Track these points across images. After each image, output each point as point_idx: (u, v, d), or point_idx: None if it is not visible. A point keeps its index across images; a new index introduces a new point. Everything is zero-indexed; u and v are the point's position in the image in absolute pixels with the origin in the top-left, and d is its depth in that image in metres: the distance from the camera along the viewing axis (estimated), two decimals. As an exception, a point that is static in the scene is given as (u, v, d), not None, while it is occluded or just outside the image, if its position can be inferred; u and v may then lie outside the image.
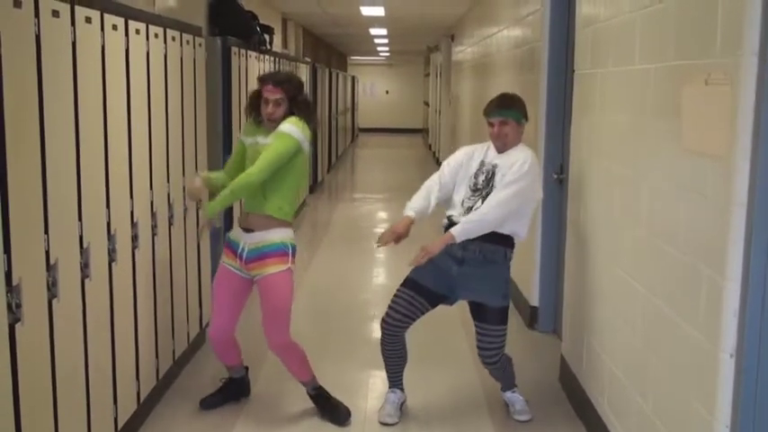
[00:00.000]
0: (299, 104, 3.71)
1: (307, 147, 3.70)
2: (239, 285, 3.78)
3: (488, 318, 3.70)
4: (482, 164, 3.75)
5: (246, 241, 3.70)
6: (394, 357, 3.89)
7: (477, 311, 3.75)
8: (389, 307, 3.79)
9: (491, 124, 3.74)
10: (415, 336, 4.01)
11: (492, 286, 3.69)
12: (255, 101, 3.75)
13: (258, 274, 3.69)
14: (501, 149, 3.74)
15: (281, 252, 3.68)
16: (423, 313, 3.78)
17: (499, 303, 3.70)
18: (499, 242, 3.66)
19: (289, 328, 3.76)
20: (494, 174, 3.68)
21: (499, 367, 3.84)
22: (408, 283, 3.76)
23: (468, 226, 3.57)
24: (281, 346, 3.78)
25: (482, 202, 3.64)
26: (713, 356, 2.40)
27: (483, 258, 3.65)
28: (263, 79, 3.74)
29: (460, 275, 3.68)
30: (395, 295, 3.80)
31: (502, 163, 3.69)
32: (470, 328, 5.18)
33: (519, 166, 3.62)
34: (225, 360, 4.00)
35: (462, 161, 3.81)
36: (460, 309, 4.04)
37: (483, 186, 3.69)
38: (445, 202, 3.83)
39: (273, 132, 3.64)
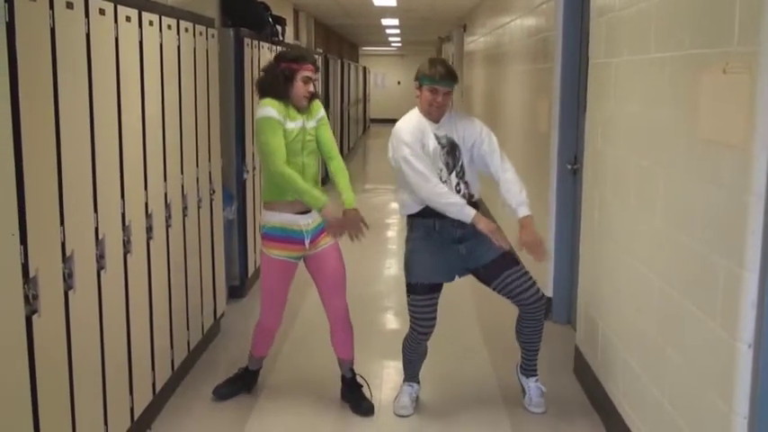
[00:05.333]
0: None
1: None
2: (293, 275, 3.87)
3: (507, 264, 3.69)
4: (437, 139, 3.68)
5: (307, 222, 3.82)
6: (417, 356, 3.90)
7: (493, 269, 3.70)
8: (418, 319, 3.73)
9: (434, 92, 3.63)
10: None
11: (490, 241, 3.65)
12: (287, 80, 3.66)
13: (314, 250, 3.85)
14: (437, 119, 3.70)
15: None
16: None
17: (504, 249, 3.71)
18: (474, 208, 3.69)
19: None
20: (454, 146, 3.69)
21: (543, 308, 3.76)
22: (421, 289, 3.70)
23: (527, 199, 3.68)
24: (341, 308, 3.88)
25: (456, 177, 3.67)
26: (731, 347, 2.38)
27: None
28: (301, 58, 3.71)
29: (468, 250, 3.69)
30: (415, 306, 3.72)
31: (466, 134, 3.72)
32: (485, 320, 5.22)
33: (488, 133, 3.76)
34: (260, 351, 4.02)
35: (422, 143, 3.66)
36: (474, 300, 4.03)
37: (453, 163, 3.70)
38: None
39: (320, 117, 3.80)
